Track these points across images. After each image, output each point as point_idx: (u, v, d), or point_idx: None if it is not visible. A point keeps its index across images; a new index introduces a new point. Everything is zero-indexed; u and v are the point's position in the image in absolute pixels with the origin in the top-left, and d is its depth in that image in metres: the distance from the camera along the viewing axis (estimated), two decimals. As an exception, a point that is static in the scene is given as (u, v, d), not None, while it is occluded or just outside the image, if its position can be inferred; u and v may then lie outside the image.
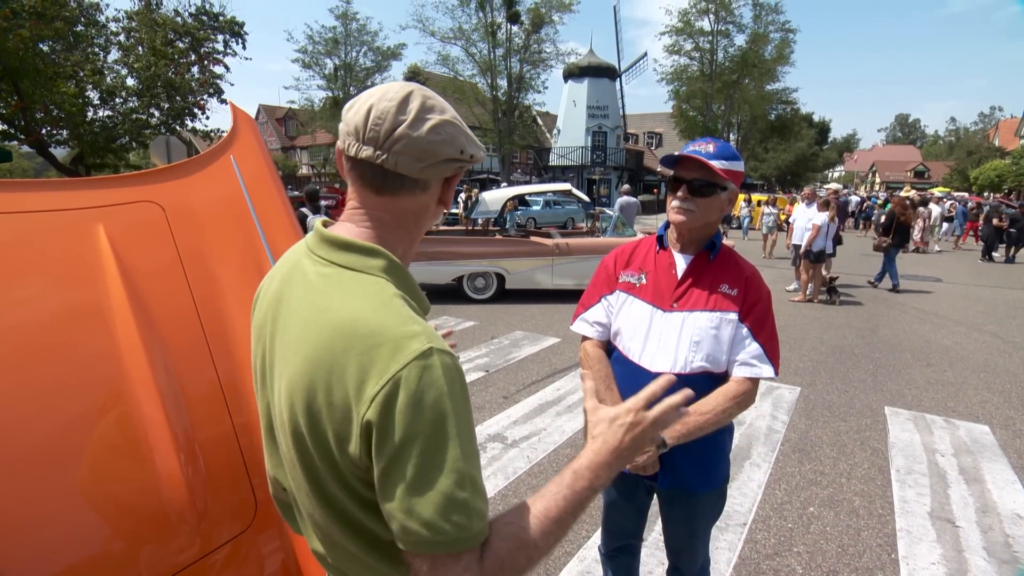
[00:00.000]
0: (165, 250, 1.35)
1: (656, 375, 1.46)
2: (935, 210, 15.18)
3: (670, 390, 1.42)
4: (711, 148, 1.41)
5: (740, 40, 29.51)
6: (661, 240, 1.57)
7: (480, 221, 9.11)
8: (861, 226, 21.38)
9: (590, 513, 2.76)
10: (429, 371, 0.61)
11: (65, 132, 14.70)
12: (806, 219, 8.08)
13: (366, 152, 0.70)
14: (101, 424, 1.16)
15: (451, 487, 0.61)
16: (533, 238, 8.20)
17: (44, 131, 14.56)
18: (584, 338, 1.66)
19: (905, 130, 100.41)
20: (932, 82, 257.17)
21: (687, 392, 0.82)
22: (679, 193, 1.45)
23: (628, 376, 1.52)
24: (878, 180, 62.69)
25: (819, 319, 7.15)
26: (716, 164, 1.39)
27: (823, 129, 53.77)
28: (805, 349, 5.80)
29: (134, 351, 1.17)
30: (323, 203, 10.76)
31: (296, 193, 13.79)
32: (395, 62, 30.37)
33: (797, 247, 8.35)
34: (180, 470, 1.13)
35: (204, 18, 15.00)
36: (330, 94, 29.79)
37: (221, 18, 15.10)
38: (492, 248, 7.92)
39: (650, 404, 0.81)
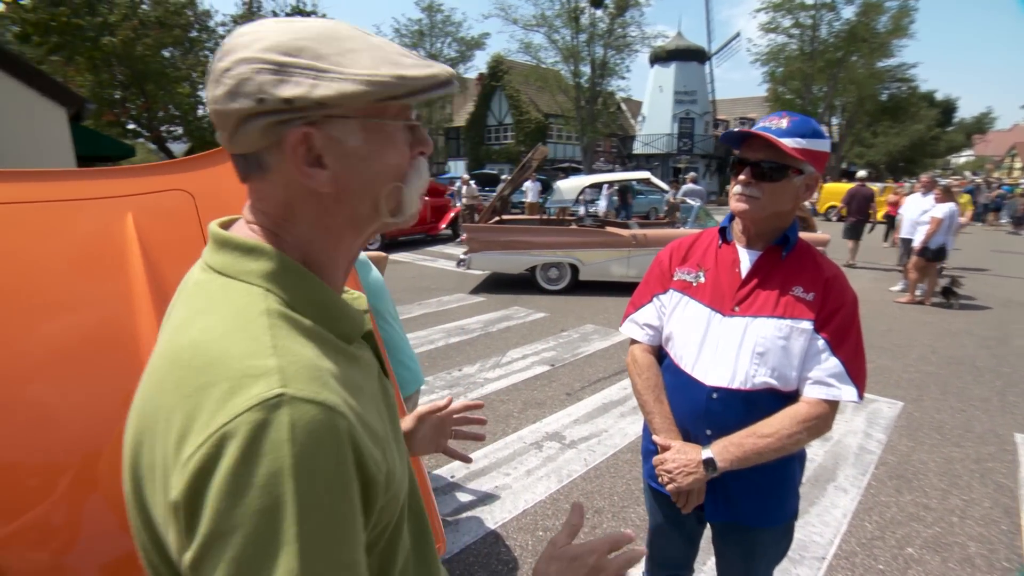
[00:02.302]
0: (194, 239, 1.33)
1: (711, 388, 1.27)
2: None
3: (729, 405, 1.24)
4: (784, 123, 1.18)
5: (848, 13, 26.70)
6: (724, 233, 1.35)
7: (555, 210, 8.96)
8: (991, 218, 18.78)
9: (644, 528, 2.55)
10: (268, 431, 0.42)
11: (180, 129, 16.28)
12: (919, 211, 7.14)
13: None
14: (123, 414, 1.16)
15: None
16: (609, 228, 7.92)
17: (163, 128, 16.23)
18: (633, 341, 1.48)
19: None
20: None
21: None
22: (742, 177, 1.23)
23: (679, 388, 1.33)
24: (1018, 164, 54.83)
25: (931, 324, 6.30)
26: (788, 142, 1.15)
27: (947, 108, 47.72)
28: (911, 358, 5.11)
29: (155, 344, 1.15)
30: None
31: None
32: (479, 52, 30.68)
33: (905, 241, 7.42)
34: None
35: (299, 16, 15.94)
36: (416, 86, 30.64)
37: (314, 16, 15.96)
38: (566, 238, 7.72)
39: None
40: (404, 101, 0.53)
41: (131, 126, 16.47)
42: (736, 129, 1.22)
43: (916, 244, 7.01)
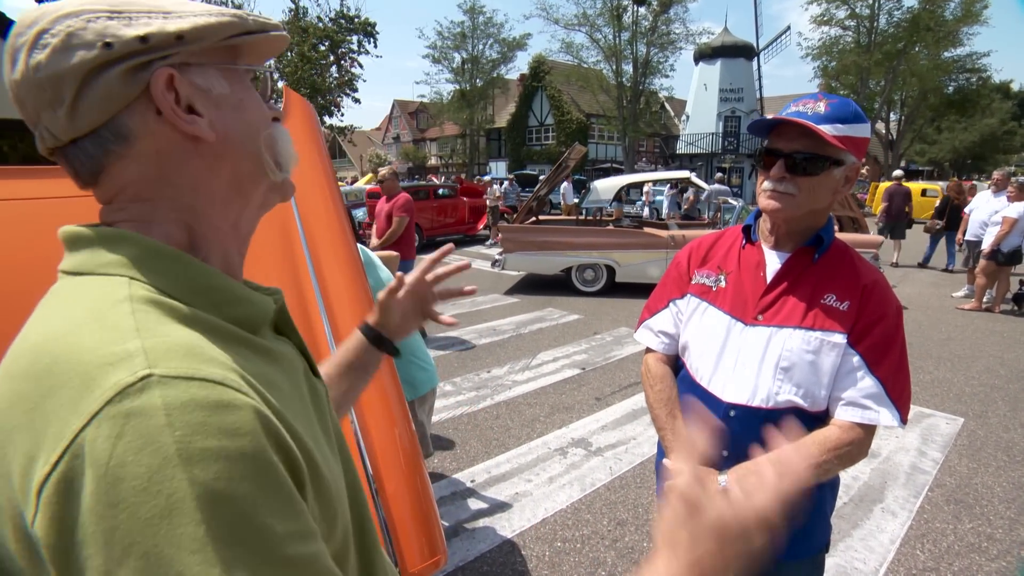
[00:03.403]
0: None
1: (728, 405, 1.15)
2: None
3: (748, 424, 1.11)
4: (821, 107, 1.05)
5: (911, 1, 25.17)
6: (749, 232, 1.23)
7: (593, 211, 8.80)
8: None
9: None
10: (137, 420, 0.33)
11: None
12: (989, 211, 6.61)
13: (40, 147, 0.47)
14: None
15: None
16: (647, 229, 7.71)
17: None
18: (648, 350, 1.37)
19: None
20: None
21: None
22: (773, 171, 1.09)
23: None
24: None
25: (999, 333, 5.81)
26: (828, 129, 1.02)
27: (1024, 101, 44.36)
28: (975, 371, 4.71)
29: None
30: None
31: (418, 181, 14.35)
32: (520, 52, 30.66)
33: (971, 243, 6.89)
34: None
35: (342, 21, 16.30)
36: (457, 87, 30.96)
37: (356, 20, 16.31)
38: (603, 239, 7.57)
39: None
40: (254, 38, 0.50)
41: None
42: (768, 116, 1.09)
43: (986, 247, 6.49)
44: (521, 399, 4.06)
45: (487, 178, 16.33)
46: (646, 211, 11.57)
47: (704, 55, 29.51)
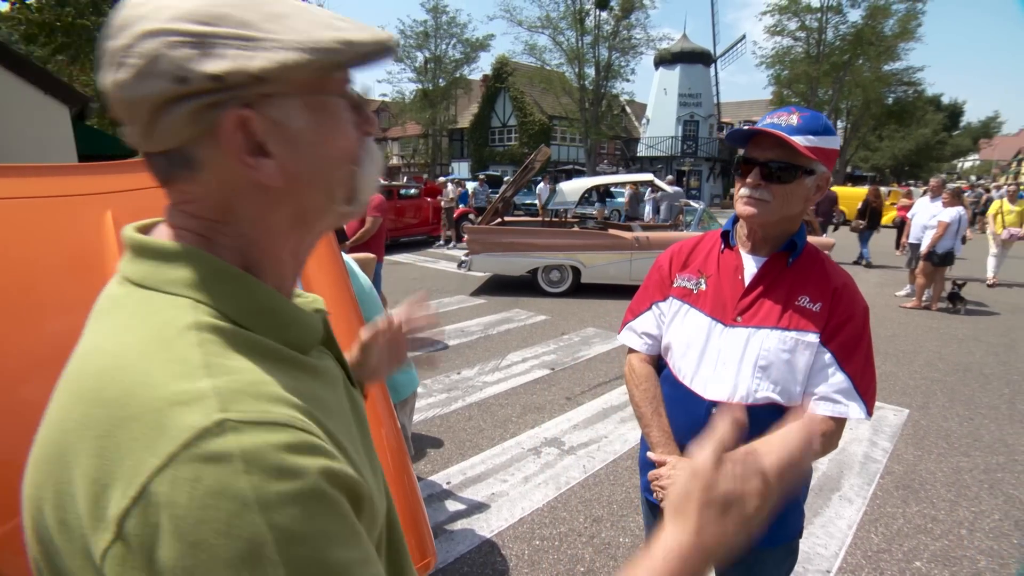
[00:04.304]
0: (175, 239, 1.29)
1: (709, 403, 1.21)
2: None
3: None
4: (794, 120, 1.12)
5: (855, 16, 26.57)
6: (727, 237, 1.29)
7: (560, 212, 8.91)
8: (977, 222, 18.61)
9: (643, 538, 2.50)
10: (216, 466, 0.35)
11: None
12: (928, 215, 7.06)
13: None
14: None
15: None
16: (612, 231, 7.86)
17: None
18: (631, 350, 1.42)
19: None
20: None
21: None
22: (749, 179, 1.16)
23: (676, 401, 1.27)
24: None
25: (937, 330, 6.22)
26: (800, 140, 1.09)
27: (954, 112, 47.48)
28: (917, 364, 5.03)
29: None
30: None
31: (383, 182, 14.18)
32: (483, 53, 30.68)
33: (913, 246, 7.34)
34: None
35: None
36: (420, 86, 30.69)
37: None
38: (568, 240, 7.67)
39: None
40: (350, 71, 0.46)
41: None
42: (744, 126, 1.16)
43: (923, 249, 6.93)
44: (493, 400, 4.08)
45: (442, 179, 16.19)
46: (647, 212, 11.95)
47: (664, 60, 30.26)
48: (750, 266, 1.24)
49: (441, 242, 12.37)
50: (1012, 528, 2.68)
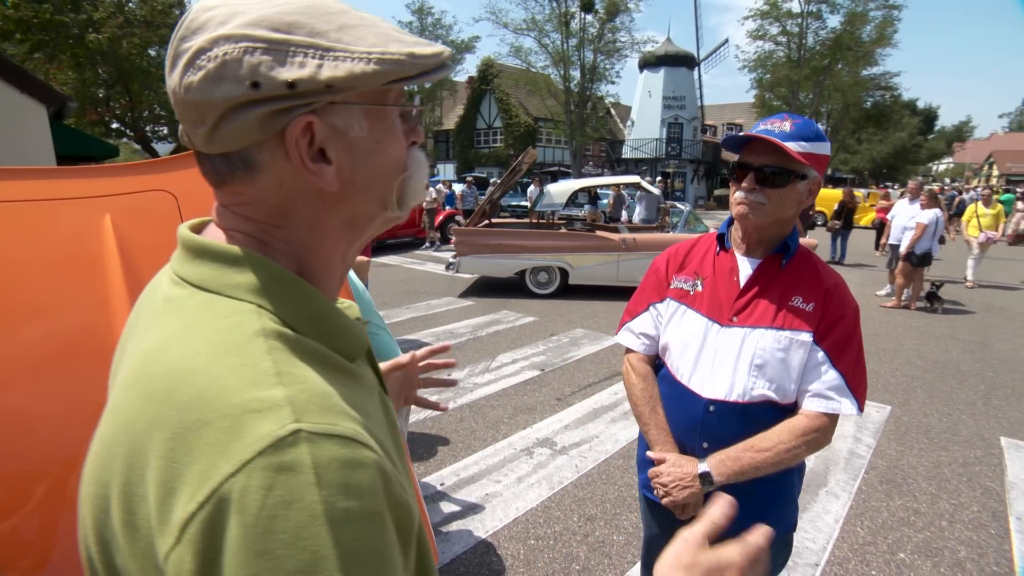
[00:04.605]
0: (175, 242, 1.28)
1: (708, 401, 1.25)
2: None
3: (726, 418, 1.21)
4: (787, 126, 1.16)
5: (834, 21, 27.13)
6: (722, 239, 1.33)
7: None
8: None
9: (638, 535, 2.54)
10: (288, 476, 0.35)
11: (166, 129, 16.03)
12: (907, 216, 7.23)
13: (180, 130, 0.47)
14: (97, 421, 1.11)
15: None
16: (599, 232, 7.91)
17: (149, 128, 15.97)
18: (628, 350, 1.45)
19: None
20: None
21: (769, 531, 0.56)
22: (745, 183, 1.20)
23: (675, 400, 1.30)
24: (995, 172, 56.03)
25: (916, 328, 6.38)
26: (793, 146, 1.13)
27: (929, 117, 48.78)
28: (898, 362, 5.16)
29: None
30: None
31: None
32: (469, 55, 30.67)
33: (893, 247, 7.52)
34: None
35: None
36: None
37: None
38: (556, 242, 7.70)
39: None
40: (412, 83, 0.47)
41: (115, 125, 16.21)
42: (740, 133, 1.20)
43: (902, 250, 7.10)
44: (484, 401, 4.10)
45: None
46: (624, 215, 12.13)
47: (648, 63, 30.52)
48: (745, 268, 1.27)
49: (427, 244, 12.34)
50: (990, 519, 2.77)
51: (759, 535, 0.55)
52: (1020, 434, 3.74)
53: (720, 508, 0.56)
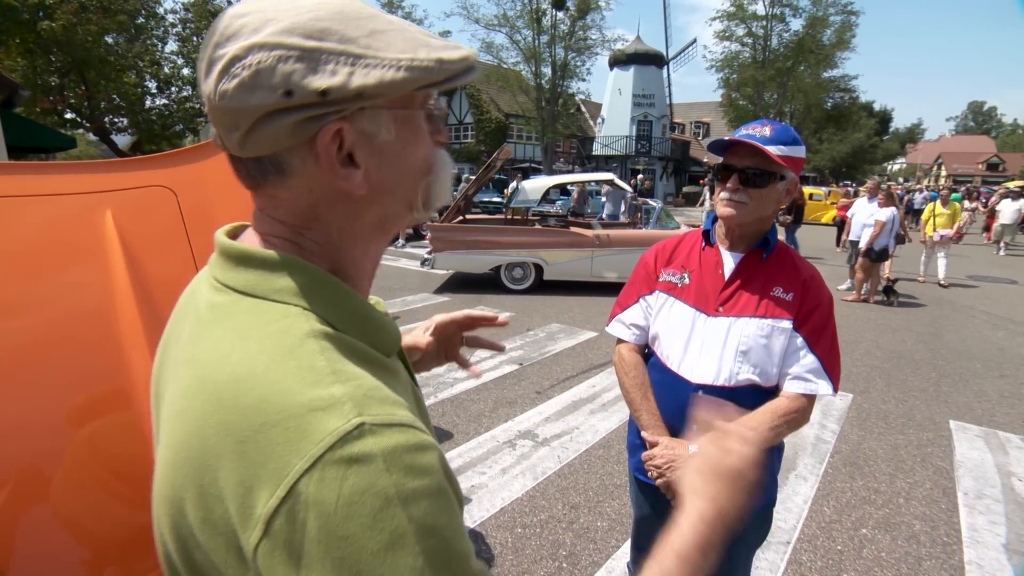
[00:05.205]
0: (176, 239, 1.29)
1: (696, 386, 1.33)
2: (1010, 206, 13.97)
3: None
4: (767, 131, 1.24)
5: (796, 25, 28.06)
6: (707, 235, 1.42)
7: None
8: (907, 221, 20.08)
9: (621, 521, 2.63)
10: (360, 466, 0.38)
11: (125, 120, 15.42)
12: (867, 214, 7.57)
13: (211, 132, 0.48)
14: (102, 416, 1.12)
15: None
16: (573, 229, 8.02)
17: (107, 119, 15.33)
18: (619, 340, 1.53)
19: (979, 119, 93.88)
20: (1012, 63, 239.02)
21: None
22: (729, 184, 1.28)
23: (666, 385, 1.38)
24: (944, 173, 58.87)
25: (875, 321, 6.71)
26: (773, 150, 1.22)
27: (884, 119, 50.85)
28: (859, 353, 5.43)
29: (137, 345, 1.12)
30: None
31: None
32: (439, 50, 30.31)
33: (853, 243, 7.87)
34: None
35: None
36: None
37: None
38: (531, 238, 7.78)
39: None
40: (440, 88, 0.47)
41: (70, 115, 15.50)
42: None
43: (862, 246, 7.43)
44: (464, 395, 4.14)
45: None
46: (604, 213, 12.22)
47: (619, 61, 30.87)
48: (729, 261, 1.36)
49: (401, 241, 12.26)
50: (940, 495, 2.98)
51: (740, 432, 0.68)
52: (966, 417, 4.01)
53: (711, 410, 0.67)
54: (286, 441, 0.38)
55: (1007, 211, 13.65)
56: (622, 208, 11.47)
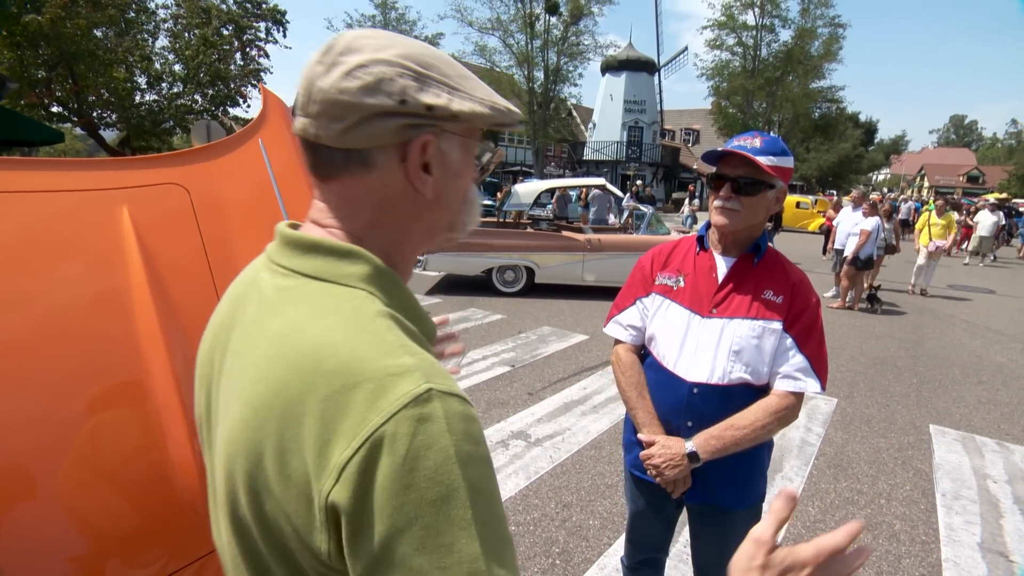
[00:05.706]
0: (189, 236, 1.32)
1: (692, 384, 1.39)
2: (988, 218, 14.30)
3: (708, 399, 1.35)
4: (758, 143, 1.31)
5: (785, 35, 28.52)
6: (702, 241, 1.48)
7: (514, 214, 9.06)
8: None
9: (612, 520, 2.69)
10: (427, 425, 0.43)
11: (114, 115, 15.23)
12: (851, 223, 7.73)
13: (298, 124, 0.54)
14: (116, 411, 1.14)
15: None
16: (565, 233, 8.09)
17: (95, 114, 15.14)
18: (617, 341, 1.58)
19: (960, 132, 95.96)
20: (992, 78, 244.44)
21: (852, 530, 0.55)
22: (722, 192, 1.35)
23: (661, 384, 1.44)
24: (926, 184, 60.02)
25: (859, 328, 6.85)
26: (763, 160, 1.28)
27: (869, 130, 51.77)
28: (843, 359, 5.55)
29: (153, 338, 1.15)
30: None
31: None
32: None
33: (838, 251, 8.02)
34: (193, 459, 1.10)
35: (248, 5, 15.29)
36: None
37: (264, 5, 15.37)
38: (523, 241, 7.83)
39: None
40: (501, 129, 0.59)
41: (56, 109, 15.28)
42: (718, 148, 1.35)
43: (848, 254, 7.59)
44: (457, 396, 4.18)
45: None
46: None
47: (611, 67, 31.16)
48: (722, 266, 1.42)
49: None
50: (920, 496, 3.08)
51: (838, 536, 0.55)
52: (945, 421, 4.13)
53: (782, 502, 0.57)
54: (364, 400, 0.44)
55: (985, 223, 13.96)
56: (608, 212, 11.59)
